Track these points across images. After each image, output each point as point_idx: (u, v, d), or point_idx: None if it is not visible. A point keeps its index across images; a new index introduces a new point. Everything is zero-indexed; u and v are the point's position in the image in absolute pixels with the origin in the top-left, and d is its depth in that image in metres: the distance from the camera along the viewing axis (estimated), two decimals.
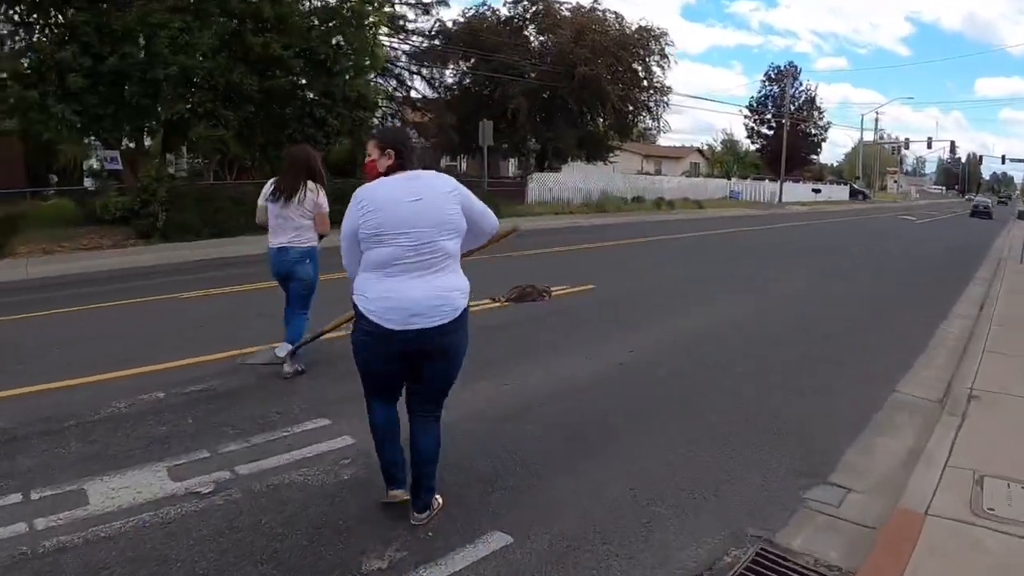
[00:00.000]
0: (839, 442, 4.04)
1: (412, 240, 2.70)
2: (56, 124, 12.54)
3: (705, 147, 60.02)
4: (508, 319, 7.00)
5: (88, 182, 21.38)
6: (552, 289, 8.16)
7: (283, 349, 4.96)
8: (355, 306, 2.83)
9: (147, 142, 17.13)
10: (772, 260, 13.03)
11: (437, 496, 3.09)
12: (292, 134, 16.85)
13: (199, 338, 6.28)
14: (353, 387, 4.44)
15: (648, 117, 28.45)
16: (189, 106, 14.49)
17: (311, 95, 16.75)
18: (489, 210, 2.98)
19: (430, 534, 2.97)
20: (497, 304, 7.62)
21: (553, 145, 25.53)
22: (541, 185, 24.40)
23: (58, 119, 12.51)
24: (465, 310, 2.83)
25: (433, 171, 2.95)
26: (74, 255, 12.77)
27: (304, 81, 16.84)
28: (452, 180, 2.90)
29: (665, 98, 27.72)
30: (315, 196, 4.85)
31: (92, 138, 14.83)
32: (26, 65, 12.67)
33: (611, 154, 29.47)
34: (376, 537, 2.94)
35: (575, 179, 26.00)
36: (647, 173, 38.54)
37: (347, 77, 17.03)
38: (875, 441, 4.10)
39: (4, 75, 12.65)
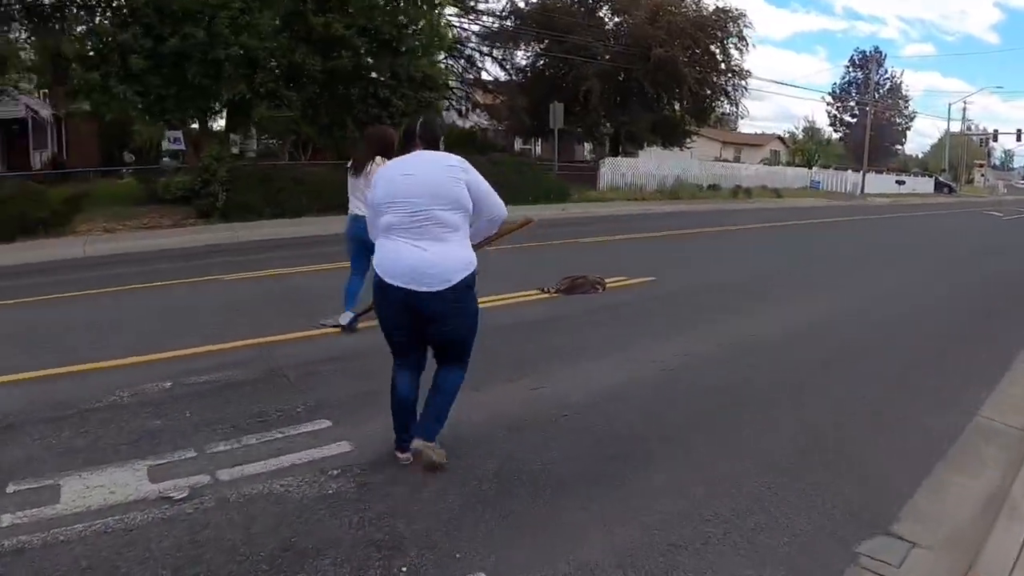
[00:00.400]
0: (907, 479, 3.39)
1: (405, 209, 3.05)
2: (118, 105, 12.85)
3: (786, 135, 57.67)
4: (554, 313, 6.60)
5: (165, 161, 22.19)
6: (607, 281, 7.63)
7: (345, 318, 5.61)
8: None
9: (217, 122, 17.53)
10: (851, 256, 12.00)
11: (439, 450, 3.27)
12: (356, 114, 16.88)
13: (227, 324, 6.17)
14: (367, 385, 4.36)
15: (726, 102, 27.28)
16: (251, 87, 14.61)
17: (376, 75, 16.68)
18: (495, 196, 3.19)
19: (403, 569, 2.62)
20: (546, 295, 7.23)
21: (627, 129, 24.81)
22: (614, 170, 23.74)
23: (120, 100, 12.82)
24: (463, 283, 3.05)
25: (439, 152, 3.19)
26: (133, 234, 13.16)
27: (370, 60, 16.79)
28: (455, 159, 3.12)
29: (743, 82, 26.53)
30: None
31: (165, 118, 15.13)
32: (89, 47, 13.03)
33: (688, 140, 28.44)
34: (344, 566, 2.63)
35: (649, 164, 25.20)
36: (725, 160, 37.15)
37: (412, 57, 16.88)
38: (950, 480, 3.46)
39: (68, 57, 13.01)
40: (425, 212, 3.03)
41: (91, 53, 13.09)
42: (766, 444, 3.80)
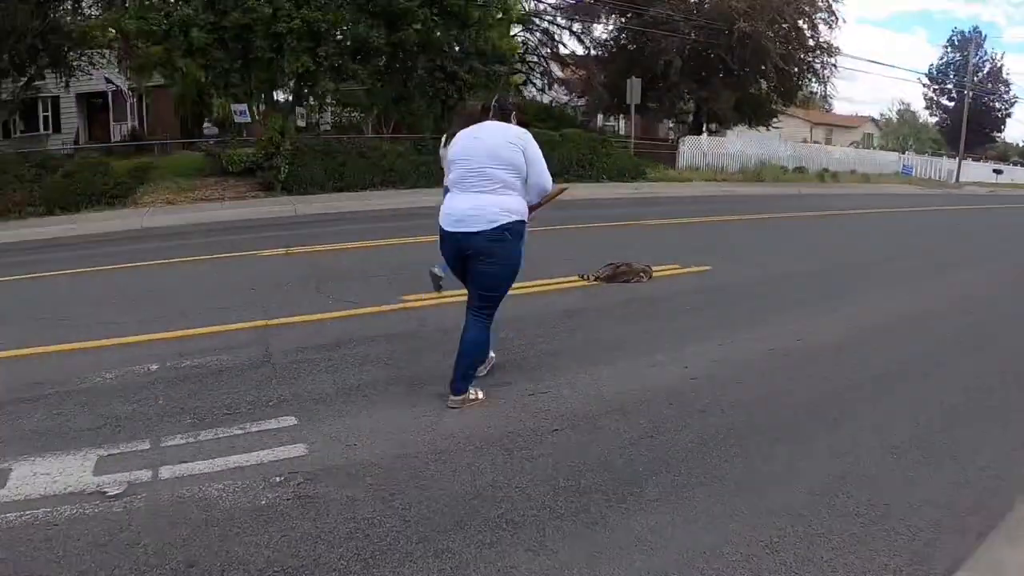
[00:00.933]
0: (958, 546, 2.67)
1: (466, 166, 3.64)
2: (182, 79, 13.19)
3: (881, 118, 54.01)
4: (586, 303, 6.11)
5: (207, 130, 22.92)
6: (655, 269, 7.09)
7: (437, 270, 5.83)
8: None
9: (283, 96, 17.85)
10: (941, 249, 10.65)
11: (478, 392, 3.85)
12: (424, 88, 16.80)
13: (240, 303, 6.11)
14: (354, 377, 4.24)
15: (814, 80, 25.53)
16: (315, 60, 14.72)
17: (443, 48, 16.49)
18: (544, 168, 3.73)
19: None
20: (584, 282, 6.76)
21: (708, 107, 23.62)
22: (693, 149, 22.73)
23: (183, 74, 13.15)
24: (506, 226, 3.55)
25: (507, 124, 3.78)
26: (193, 206, 13.58)
27: (438, 34, 16.62)
28: (519, 131, 3.72)
29: (832, 59, 24.71)
30: None
31: (231, 92, 15.51)
32: (151, 23, 13.40)
33: (774, 119, 26.88)
34: None
35: (731, 144, 24.00)
36: (815, 142, 35.05)
37: (481, 29, 16.57)
38: (1002, 556, 2.81)
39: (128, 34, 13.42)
40: (479, 169, 3.59)
41: (153, 28, 13.38)
42: (791, 487, 3.02)
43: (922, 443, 3.50)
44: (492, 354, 4.19)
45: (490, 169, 3.59)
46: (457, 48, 16.13)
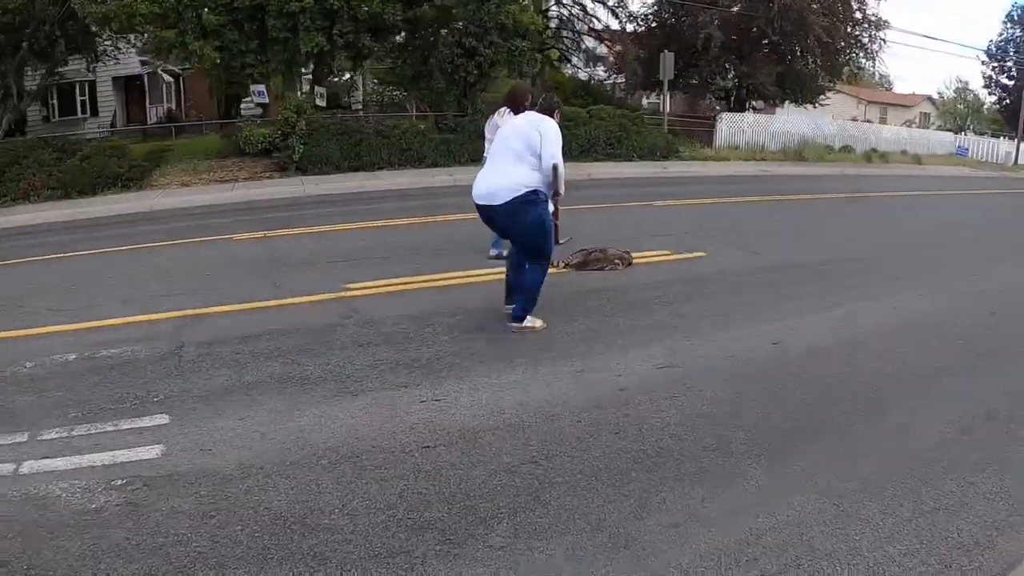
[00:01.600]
0: None
1: (496, 144, 4.60)
2: (197, 61, 13.29)
3: (938, 96, 50.82)
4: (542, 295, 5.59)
5: (245, 111, 23.16)
6: (641, 255, 6.67)
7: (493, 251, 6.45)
8: None
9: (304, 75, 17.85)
10: (986, 239, 9.45)
11: (535, 321, 4.64)
12: (443, 65, 16.57)
13: (184, 290, 6.09)
14: (248, 375, 4.08)
15: (861, 55, 24.04)
16: (330, 38, 14.65)
17: (461, 23, 16.20)
18: (554, 146, 4.34)
19: None
20: (553, 269, 6.17)
21: (749, 83, 22.57)
22: (732, 126, 21.82)
23: (198, 56, 13.26)
24: (519, 198, 4.29)
25: (536, 113, 4.60)
26: (207, 187, 13.76)
27: (455, 10, 16.34)
28: (541, 117, 4.51)
29: (881, 33, 23.21)
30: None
31: (247, 72, 15.60)
32: (161, 6, 13.49)
33: (822, 96, 25.53)
34: None
35: (773, 121, 22.93)
36: (868, 121, 33.23)
37: (501, 3, 16.20)
38: None
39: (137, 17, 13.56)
40: (503, 145, 4.46)
41: (165, 12, 13.47)
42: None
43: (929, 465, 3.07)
44: (538, 323, 4.65)
45: (511, 141, 4.40)
46: (476, 23, 15.71)
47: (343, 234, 8.54)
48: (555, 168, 4.33)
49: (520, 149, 4.34)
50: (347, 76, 23.67)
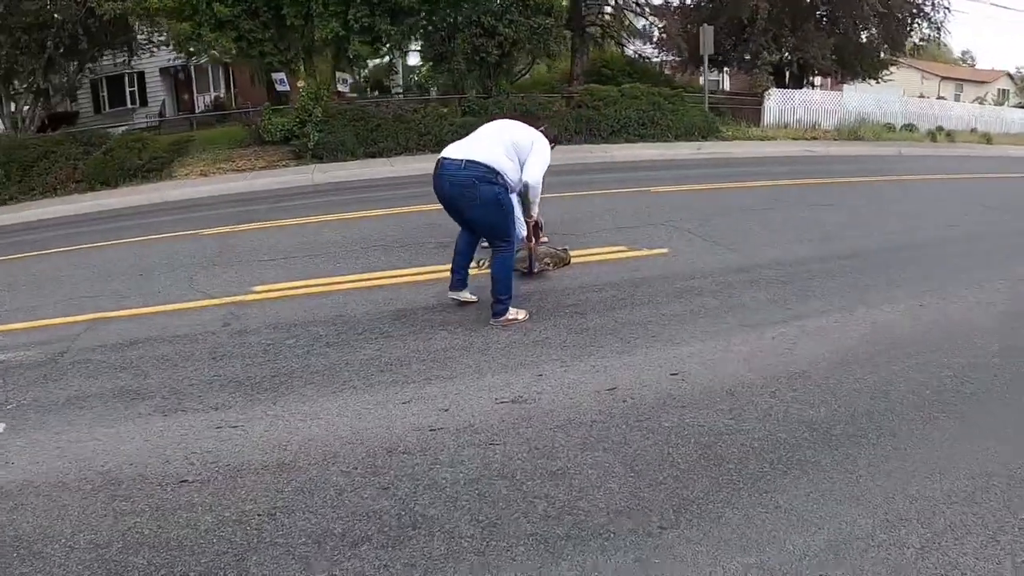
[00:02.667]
0: None
1: (491, 128, 4.52)
2: (214, 52, 13.44)
3: (1017, 72, 46.09)
4: (442, 299, 5.10)
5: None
6: (583, 252, 6.18)
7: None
8: None
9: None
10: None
11: (518, 312, 4.48)
12: (462, 46, 16.27)
13: (109, 291, 6.10)
14: (95, 387, 4.00)
15: (924, 24, 22.04)
16: (345, 23, 14.57)
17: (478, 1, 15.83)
18: (538, 164, 4.38)
19: None
20: (476, 269, 5.30)
21: (800, 56, 21.14)
22: (782, 103, 20.54)
23: (213, 47, 13.41)
24: (480, 176, 4.13)
25: (523, 124, 4.61)
26: (224, 177, 14.00)
27: None
28: (539, 134, 4.59)
29: (945, 1, 21.21)
30: None
31: (266, 61, 15.74)
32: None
33: (884, 71, 23.66)
34: None
35: (828, 98, 21.47)
36: (941, 97, 30.66)
37: None
38: None
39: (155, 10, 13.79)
40: (496, 130, 4.43)
41: (178, 5, 13.65)
42: None
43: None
44: (521, 314, 4.50)
45: (505, 133, 4.35)
46: (495, 1, 15.29)
47: (317, 227, 8.42)
48: (528, 186, 4.34)
49: (509, 144, 4.29)
50: (385, 60, 23.67)
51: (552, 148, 4.66)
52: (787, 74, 22.51)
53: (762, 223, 7.89)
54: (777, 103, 20.29)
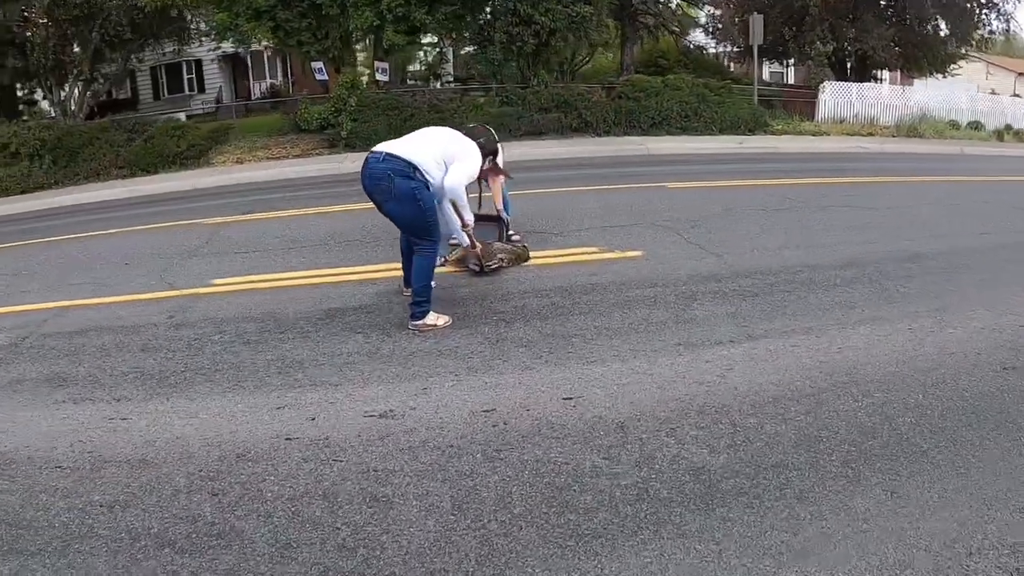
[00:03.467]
0: None
1: (427, 131, 4.68)
2: (251, 41, 13.74)
3: None
4: (378, 300, 5.05)
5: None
6: (555, 252, 6.03)
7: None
8: None
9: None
10: None
11: (438, 318, 4.38)
12: (499, 35, 16.14)
13: (88, 279, 6.32)
14: (31, 372, 4.16)
15: (993, 15, 20.41)
16: (379, 13, 14.66)
17: None
18: (460, 174, 4.36)
19: None
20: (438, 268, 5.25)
21: (858, 48, 20.00)
22: (837, 97, 19.50)
23: (250, 36, 13.72)
24: (397, 172, 4.15)
25: (473, 143, 4.62)
26: (260, 164, 14.36)
27: None
28: (471, 144, 4.61)
29: None
30: None
31: (303, 51, 16.00)
32: None
33: (952, 65, 22.13)
34: None
35: (888, 93, 20.23)
36: (1016, 96, 28.38)
37: None
38: None
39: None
40: (431, 133, 4.59)
41: None
42: None
43: None
44: (441, 321, 4.47)
45: (432, 139, 4.44)
46: None
47: (314, 218, 8.50)
48: (447, 191, 4.37)
49: (440, 149, 4.37)
50: (436, 50, 23.75)
51: (492, 160, 4.82)
52: (848, 67, 21.39)
53: (765, 225, 7.45)
54: (832, 96, 19.30)
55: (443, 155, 4.33)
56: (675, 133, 16.93)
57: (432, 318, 4.36)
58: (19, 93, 18.59)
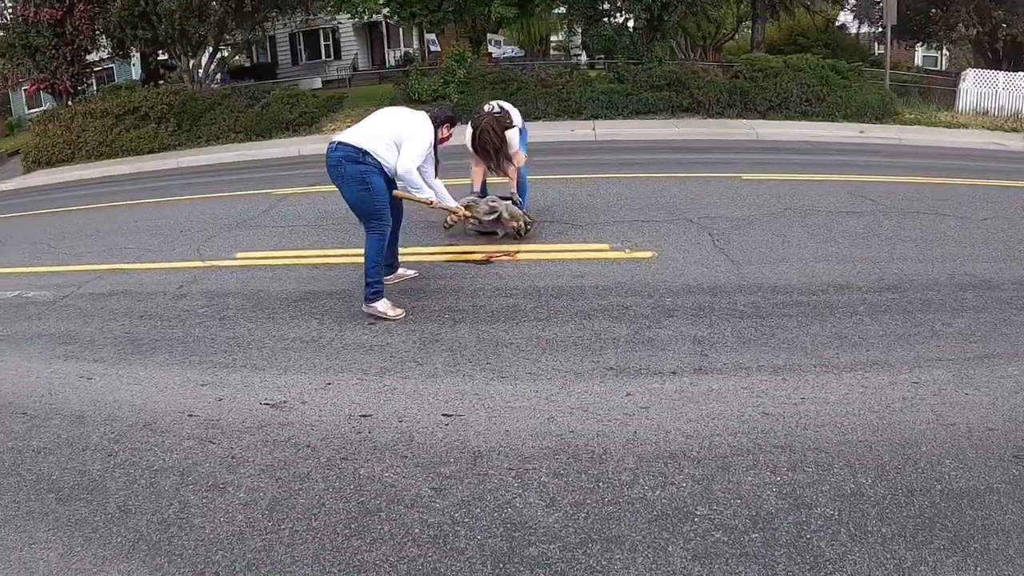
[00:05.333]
0: None
1: (382, 113, 4.73)
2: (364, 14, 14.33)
3: None
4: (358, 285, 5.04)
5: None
6: (563, 247, 5.84)
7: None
8: None
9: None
10: None
11: (388, 309, 4.55)
12: (611, 10, 15.80)
13: (142, 246, 7.04)
14: (35, 329, 4.73)
15: None
16: None
17: None
18: (409, 154, 4.44)
19: None
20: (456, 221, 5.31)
21: (1007, 32, 17.51)
22: (981, 86, 17.20)
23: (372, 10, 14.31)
24: (347, 155, 4.38)
25: (427, 118, 4.68)
26: None
27: None
28: (425, 121, 4.65)
29: None
30: None
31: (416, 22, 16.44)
32: None
33: None
34: None
35: None
36: None
37: None
38: None
39: None
40: (385, 116, 4.67)
41: None
42: None
43: None
44: (410, 272, 5.10)
45: (383, 123, 4.56)
46: None
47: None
48: (400, 175, 4.49)
49: (391, 131, 4.50)
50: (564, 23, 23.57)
51: (446, 130, 4.80)
52: (1000, 53, 18.91)
53: (817, 231, 6.77)
54: (974, 85, 17.15)
55: (393, 136, 4.47)
56: (794, 118, 15.85)
57: (384, 306, 4.55)
58: (161, 57, 20.41)
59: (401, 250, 5.33)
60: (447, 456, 3.03)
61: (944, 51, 24.64)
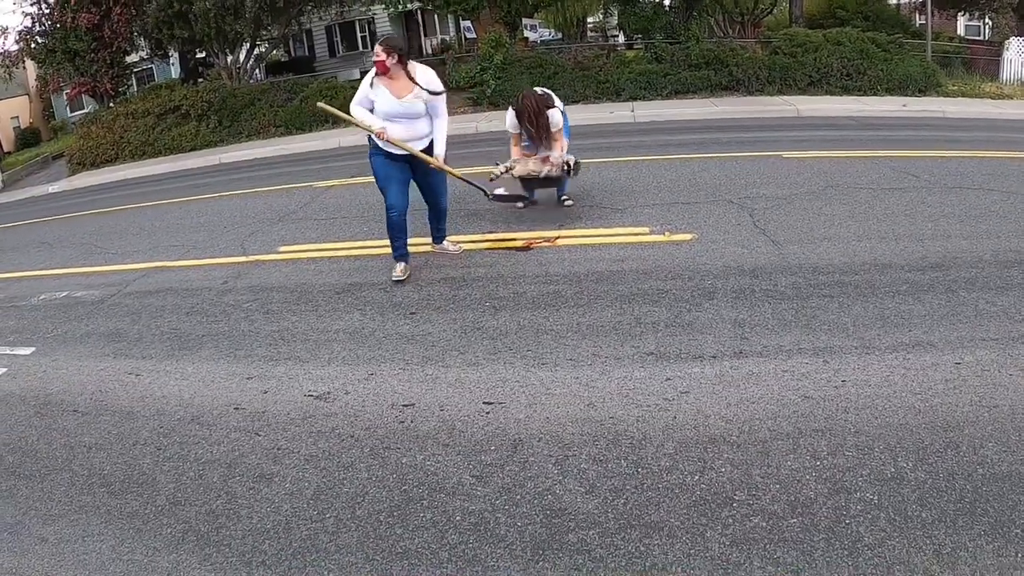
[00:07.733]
0: None
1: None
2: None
3: None
4: (366, 276, 5.39)
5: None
6: (599, 232, 5.82)
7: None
8: None
9: None
10: None
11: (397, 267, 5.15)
12: None
13: (182, 244, 7.19)
14: (90, 327, 4.95)
15: None
16: None
17: None
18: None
19: None
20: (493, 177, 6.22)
21: None
22: None
23: None
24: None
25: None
26: None
27: None
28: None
29: None
30: None
31: (451, 9, 16.41)
32: None
33: None
34: None
35: None
36: None
37: None
38: None
39: None
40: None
41: None
42: None
43: None
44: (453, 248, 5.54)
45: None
46: None
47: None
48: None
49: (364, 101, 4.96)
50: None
51: (399, 58, 4.85)
52: None
53: (859, 209, 6.58)
54: (1018, 55, 16.38)
55: (364, 101, 4.86)
56: (835, 93, 15.42)
57: (400, 271, 5.14)
58: (200, 55, 20.69)
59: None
60: (488, 444, 3.05)
61: (987, 20, 23.59)
